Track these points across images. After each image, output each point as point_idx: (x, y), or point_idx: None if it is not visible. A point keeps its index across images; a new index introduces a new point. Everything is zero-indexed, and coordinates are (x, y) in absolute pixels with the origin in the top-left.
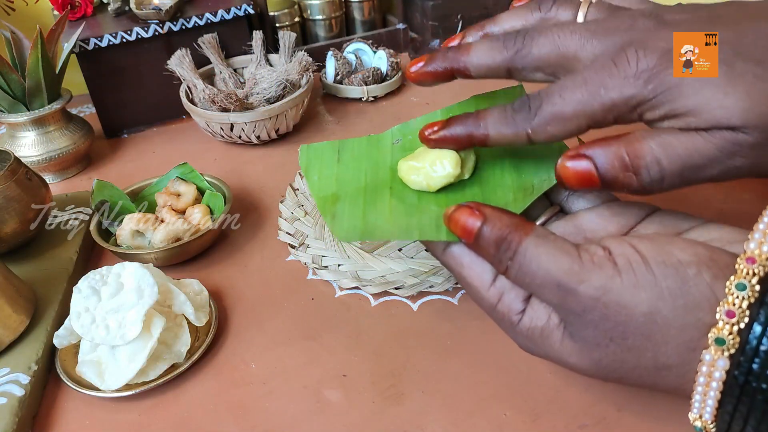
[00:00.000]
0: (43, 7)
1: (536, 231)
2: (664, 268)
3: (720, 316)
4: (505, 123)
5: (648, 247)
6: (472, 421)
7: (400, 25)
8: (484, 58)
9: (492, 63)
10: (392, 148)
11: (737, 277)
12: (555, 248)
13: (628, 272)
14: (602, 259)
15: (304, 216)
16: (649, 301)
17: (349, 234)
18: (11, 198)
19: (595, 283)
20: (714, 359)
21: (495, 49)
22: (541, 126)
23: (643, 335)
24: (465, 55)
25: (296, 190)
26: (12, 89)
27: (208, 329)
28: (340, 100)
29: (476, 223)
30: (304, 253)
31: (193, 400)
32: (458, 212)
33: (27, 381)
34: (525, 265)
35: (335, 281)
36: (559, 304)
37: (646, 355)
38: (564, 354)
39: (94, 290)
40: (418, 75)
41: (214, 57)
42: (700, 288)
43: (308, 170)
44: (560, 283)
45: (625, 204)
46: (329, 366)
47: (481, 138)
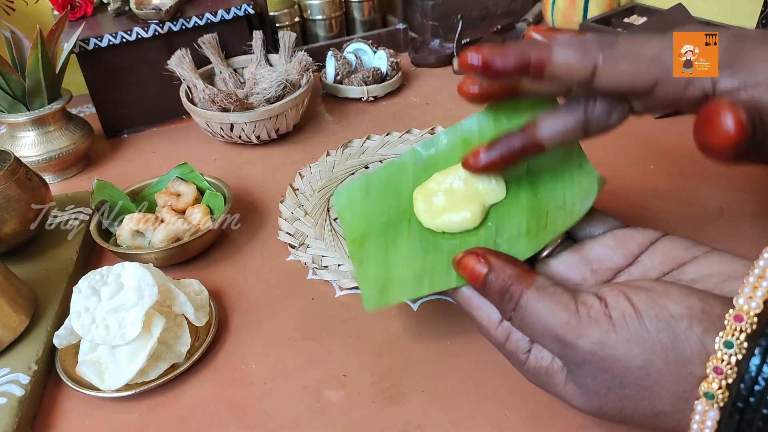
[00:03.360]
0: (43, 7)
1: (537, 283)
2: (657, 322)
3: (709, 371)
4: (561, 120)
5: (642, 300)
6: (472, 421)
7: (400, 25)
8: (548, 76)
9: (556, 81)
10: (414, 169)
11: (725, 335)
12: (554, 302)
13: (622, 327)
14: (598, 313)
15: (304, 216)
16: (643, 355)
17: (374, 300)
18: (11, 198)
19: (591, 338)
20: (705, 410)
21: (559, 66)
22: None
23: (639, 386)
24: (528, 72)
25: (296, 190)
26: (12, 89)
27: (208, 329)
28: (340, 100)
29: (483, 270)
30: (304, 253)
31: (193, 400)
32: (466, 259)
33: (27, 381)
34: (527, 317)
35: (335, 281)
36: (559, 355)
37: (642, 403)
38: (567, 396)
39: (94, 290)
40: (479, 94)
41: (214, 57)
42: (690, 343)
43: (342, 213)
44: (559, 336)
45: (630, 233)
46: (329, 366)
47: (535, 147)
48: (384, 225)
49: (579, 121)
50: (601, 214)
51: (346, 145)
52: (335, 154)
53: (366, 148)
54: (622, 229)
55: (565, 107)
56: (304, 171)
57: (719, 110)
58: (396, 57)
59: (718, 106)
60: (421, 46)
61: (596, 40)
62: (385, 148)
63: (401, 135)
